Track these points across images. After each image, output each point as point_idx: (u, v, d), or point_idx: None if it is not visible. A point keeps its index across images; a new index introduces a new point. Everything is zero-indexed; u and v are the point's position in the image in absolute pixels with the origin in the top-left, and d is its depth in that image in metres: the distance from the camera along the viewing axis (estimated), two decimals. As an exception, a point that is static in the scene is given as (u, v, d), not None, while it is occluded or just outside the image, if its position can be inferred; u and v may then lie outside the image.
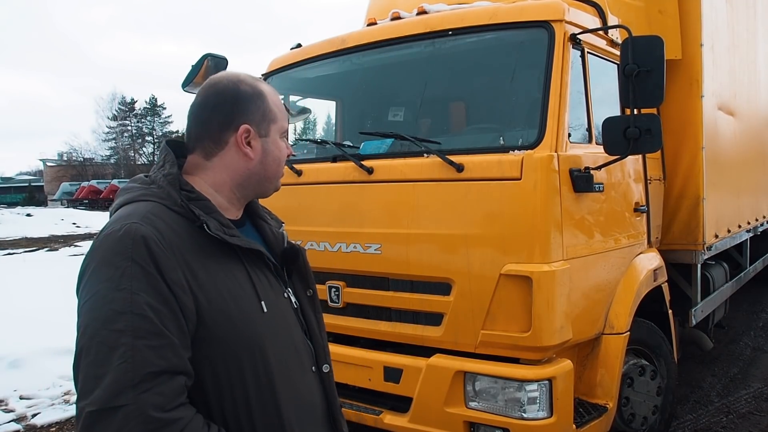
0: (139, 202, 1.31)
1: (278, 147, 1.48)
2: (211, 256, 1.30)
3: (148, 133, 68.48)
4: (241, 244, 1.35)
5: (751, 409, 4.66)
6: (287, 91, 4.22)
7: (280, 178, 1.53)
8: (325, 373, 1.53)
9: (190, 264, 1.25)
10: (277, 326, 1.39)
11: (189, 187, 1.36)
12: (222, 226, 1.33)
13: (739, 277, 5.91)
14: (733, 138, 5.27)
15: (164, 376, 1.15)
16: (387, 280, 3.22)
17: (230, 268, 1.33)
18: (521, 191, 2.82)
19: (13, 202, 53.21)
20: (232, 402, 1.30)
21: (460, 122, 3.73)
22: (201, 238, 1.30)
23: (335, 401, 1.55)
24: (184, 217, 1.31)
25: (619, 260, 3.44)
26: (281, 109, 1.50)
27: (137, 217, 1.25)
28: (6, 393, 5.35)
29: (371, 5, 5.18)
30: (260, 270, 1.41)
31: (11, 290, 9.06)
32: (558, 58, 2.94)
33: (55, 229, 24.51)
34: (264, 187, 1.50)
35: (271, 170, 1.48)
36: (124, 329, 1.14)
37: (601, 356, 3.25)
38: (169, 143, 1.46)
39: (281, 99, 1.59)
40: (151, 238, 1.21)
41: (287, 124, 1.52)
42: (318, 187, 3.50)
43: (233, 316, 1.29)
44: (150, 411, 1.11)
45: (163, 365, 1.15)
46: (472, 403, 2.94)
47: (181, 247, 1.26)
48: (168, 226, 1.27)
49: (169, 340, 1.17)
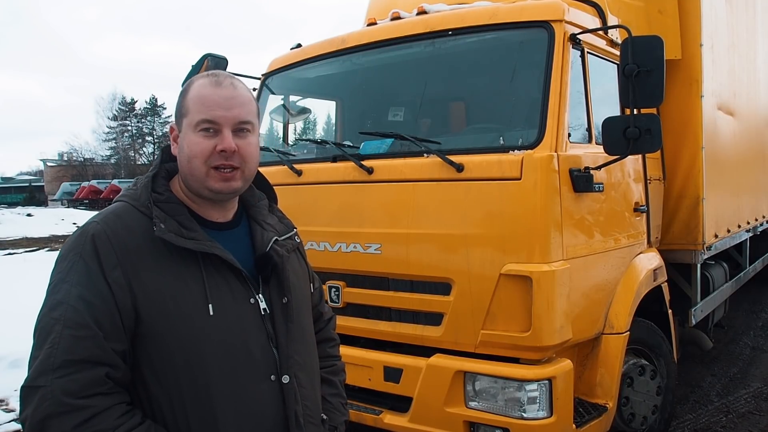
0: (116, 202, 1.43)
1: (187, 142, 1.39)
2: (162, 256, 1.35)
3: (149, 133, 68.49)
4: (191, 247, 1.36)
5: (750, 409, 4.66)
6: (287, 91, 4.23)
7: (203, 177, 1.39)
8: (284, 384, 1.45)
9: (136, 263, 1.31)
10: (225, 330, 1.37)
11: (161, 189, 1.43)
12: (180, 227, 1.37)
13: (738, 277, 5.91)
14: (733, 138, 5.27)
15: (82, 365, 1.23)
16: (387, 280, 3.22)
17: (180, 269, 1.35)
18: (521, 191, 2.82)
19: (13, 202, 53.28)
20: (169, 399, 1.33)
21: (460, 122, 3.74)
22: (157, 239, 1.34)
23: (292, 415, 1.45)
24: (148, 217, 1.36)
25: (619, 260, 3.44)
26: (199, 103, 1.39)
27: (100, 216, 1.37)
28: (6, 393, 5.35)
29: (371, 5, 5.18)
30: (219, 274, 1.40)
31: (12, 290, 9.06)
32: (558, 58, 2.95)
33: (56, 229, 24.51)
34: (191, 185, 1.43)
35: (184, 167, 1.42)
36: (58, 318, 1.25)
37: (601, 356, 3.25)
38: (165, 149, 1.51)
39: (215, 91, 1.40)
40: (99, 237, 1.31)
41: (207, 116, 1.38)
42: (318, 187, 3.51)
43: (171, 314, 1.32)
44: (61, 395, 1.20)
45: (84, 355, 1.23)
46: (472, 403, 2.94)
47: (131, 246, 1.32)
48: (125, 226, 1.34)
49: (93, 332, 1.25)
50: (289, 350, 1.48)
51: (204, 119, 1.38)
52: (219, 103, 1.38)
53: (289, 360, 1.47)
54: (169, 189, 1.46)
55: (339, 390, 1.77)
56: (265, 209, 1.61)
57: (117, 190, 44.98)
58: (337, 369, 1.82)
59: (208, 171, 1.39)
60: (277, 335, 1.47)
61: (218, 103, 1.38)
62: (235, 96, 1.42)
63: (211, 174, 1.39)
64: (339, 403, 1.75)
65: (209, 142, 1.38)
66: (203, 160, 1.38)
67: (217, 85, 1.41)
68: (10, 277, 10.61)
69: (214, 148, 1.38)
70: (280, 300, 1.50)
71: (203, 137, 1.38)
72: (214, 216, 1.48)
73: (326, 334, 1.82)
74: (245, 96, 1.45)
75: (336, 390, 1.76)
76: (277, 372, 1.45)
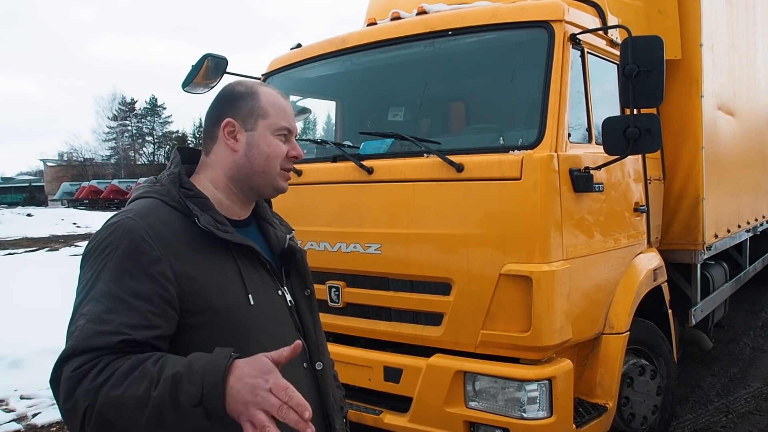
0: (143, 198, 1.42)
1: (267, 142, 1.49)
2: (202, 250, 1.37)
3: (148, 133, 68.54)
4: (231, 239, 1.41)
5: (750, 409, 4.66)
6: (287, 91, 4.22)
7: (274, 176, 1.51)
8: (318, 371, 1.57)
9: (178, 255, 1.32)
10: (264, 319, 1.43)
11: (189, 185, 1.46)
12: (215, 221, 1.40)
13: (738, 277, 5.91)
14: (733, 138, 5.27)
15: (88, 355, 1.18)
16: (387, 280, 3.22)
17: (220, 261, 1.39)
18: (521, 191, 2.83)
19: (13, 202, 53.30)
20: None
21: (460, 122, 3.74)
22: (194, 233, 1.37)
23: (328, 399, 1.57)
24: (180, 212, 1.39)
25: (619, 260, 3.44)
26: (279, 110, 1.51)
27: (133, 211, 1.36)
28: (6, 393, 5.35)
29: (371, 5, 5.18)
30: (252, 266, 1.46)
31: (12, 290, 9.06)
32: (558, 58, 2.95)
33: (56, 229, 24.53)
34: (254, 182, 1.51)
35: (257, 164, 1.49)
36: (86, 313, 1.23)
37: (601, 356, 3.25)
38: (180, 149, 1.57)
39: (289, 104, 1.56)
40: (137, 232, 1.29)
41: (287, 125, 1.51)
42: (318, 187, 3.51)
43: (217, 305, 1.34)
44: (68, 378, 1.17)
45: (96, 344, 1.19)
46: (472, 403, 2.94)
47: (171, 240, 1.33)
48: (161, 220, 1.35)
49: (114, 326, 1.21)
50: (318, 339, 1.60)
51: (285, 126, 1.51)
52: (291, 114, 1.55)
53: (319, 348, 1.60)
54: (195, 186, 1.49)
55: (339, 383, 1.85)
56: (269, 210, 1.70)
57: (117, 190, 45.01)
58: (332, 362, 1.87)
59: (279, 171, 1.52)
60: (304, 325, 1.58)
61: (292, 114, 1.55)
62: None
63: (281, 174, 1.53)
64: (342, 396, 1.82)
65: (285, 146, 1.52)
66: (279, 162, 1.51)
67: (286, 98, 1.56)
68: (10, 277, 10.61)
69: (287, 153, 1.52)
70: (302, 292, 1.61)
71: (282, 141, 1.51)
72: (236, 214, 1.53)
73: None
74: None
75: (338, 382, 1.83)
76: (308, 360, 1.55)
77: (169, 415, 1.12)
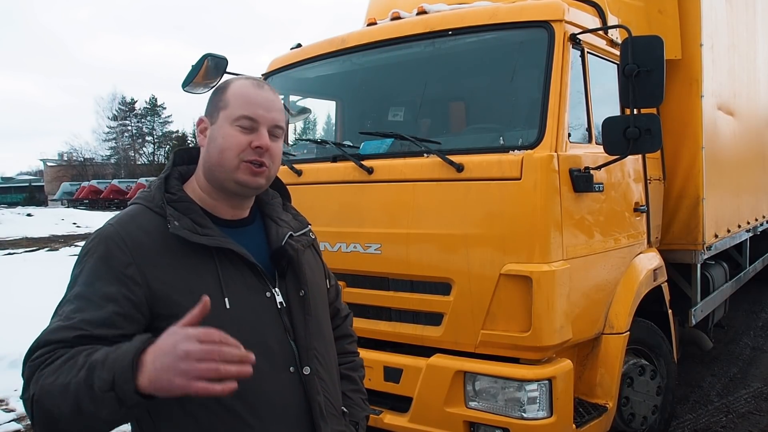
0: (132, 204, 1.48)
1: (222, 134, 1.43)
2: (177, 253, 1.39)
3: (149, 133, 68.52)
4: (207, 242, 1.40)
5: (750, 409, 4.66)
6: (287, 91, 4.23)
7: (233, 170, 1.43)
8: (305, 375, 1.48)
9: (150, 260, 1.36)
10: (241, 322, 1.39)
11: (174, 189, 1.48)
12: (194, 224, 1.41)
13: (738, 277, 5.91)
14: (733, 138, 5.27)
15: (52, 346, 1.26)
16: (387, 280, 3.22)
17: (196, 264, 1.40)
18: (521, 191, 2.82)
19: (13, 202, 53.25)
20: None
21: (460, 122, 3.74)
22: (172, 237, 1.39)
23: (315, 405, 1.49)
24: (163, 217, 1.41)
25: (619, 260, 3.44)
26: (242, 100, 1.44)
27: (115, 218, 1.44)
28: (6, 393, 5.35)
29: (371, 5, 5.18)
30: (235, 268, 1.43)
31: (12, 290, 9.06)
32: (558, 58, 2.95)
33: (56, 229, 24.52)
34: (216, 176, 1.46)
35: (213, 157, 1.45)
36: (60, 313, 1.32)
37: (601, 356, 3.25)
38: (178, 152, 1.57)
39: (262, 94, 1.47)
40: (112, 238, 1.37)
41: (246, 113, 1.43)
42: (318, 187, 3.50)
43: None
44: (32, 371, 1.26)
45: (55, 338, 1.27)
46: (472, 403, 2.94)
47: (147, 245, 1.37)
48: (139, 225, 1.40)
49: (77, 326, 1.27)
50: (307, 342, 1.51)
51: (244, 115, 1.43)
52: (260, 103, 1.45)
53: (309, 352, 1.51)
54: (182, 189, 1.50)
55: (359, 386, 1.80)
56: (279, 207, 1.66)
57: (117, 190, 45.04)
58: (356, 365, 1.84)
59: (239, 164, 1.43)
60: (295, 328, 1.50)
61: (260, 103, 1.45)
62: (275, 100, 1.50)
63: (242, 167, 1.43)
64: (360, 398, 1.77)
65: (245, 137, 1.43)
66: (236, 153, 1.43)
67: (260, 87, 1.48)
68: (9, 277, 10.61)
69: (249, 143, 1.43)
70: (296, 293, 1.53)
71: (239, 132, 1.43)
72: (228, 214, 1.51)
73: (344, 331, 1.84)
74: (281, 103, 1.53)
75: (356, 386, 1.78)
76: (296, 364, 1.48)
77: (85, 402, 1.14)
